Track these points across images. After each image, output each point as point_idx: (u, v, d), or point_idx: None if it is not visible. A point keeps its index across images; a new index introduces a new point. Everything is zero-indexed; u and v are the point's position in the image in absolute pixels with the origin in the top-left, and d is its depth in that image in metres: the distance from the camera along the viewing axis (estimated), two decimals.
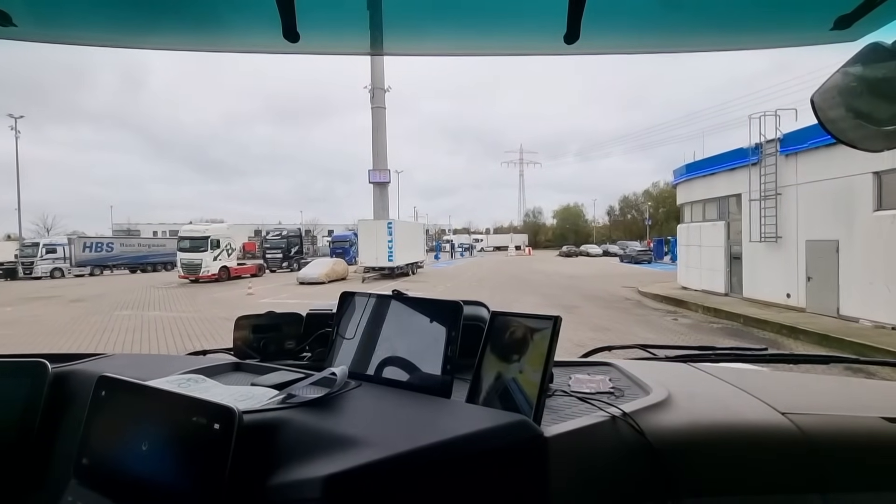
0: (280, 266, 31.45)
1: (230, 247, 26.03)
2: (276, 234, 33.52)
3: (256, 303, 16.19)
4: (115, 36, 0.90)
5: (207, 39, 0.92)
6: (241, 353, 1.25)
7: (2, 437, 0.84)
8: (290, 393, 0.82)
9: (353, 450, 0.66)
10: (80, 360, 1.06)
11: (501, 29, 0.88)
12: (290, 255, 32.41)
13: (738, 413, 0.92)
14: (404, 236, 26.33)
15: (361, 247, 25.26)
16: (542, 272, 29.21)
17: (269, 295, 18.57)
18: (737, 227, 14.46)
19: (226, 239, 25.67)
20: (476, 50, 0.95)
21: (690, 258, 17.16)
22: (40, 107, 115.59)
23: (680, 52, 0.96)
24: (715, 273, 15.24)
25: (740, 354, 1.42)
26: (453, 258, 51.08)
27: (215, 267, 24.65)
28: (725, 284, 14.75)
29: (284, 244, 32.68)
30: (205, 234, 24.67)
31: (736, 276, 14.41)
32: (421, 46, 0.96)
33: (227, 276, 25.37)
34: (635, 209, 73.84)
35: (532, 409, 0.78)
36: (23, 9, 0.77)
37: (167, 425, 0.68)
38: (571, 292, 18.10)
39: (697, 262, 16.42)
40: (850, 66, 0.74)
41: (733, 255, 14.57)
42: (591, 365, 1.22)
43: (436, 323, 0.93)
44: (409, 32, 0.90)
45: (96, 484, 0.71)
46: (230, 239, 26.20)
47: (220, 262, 25.08)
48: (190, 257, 24.32)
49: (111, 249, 36.54)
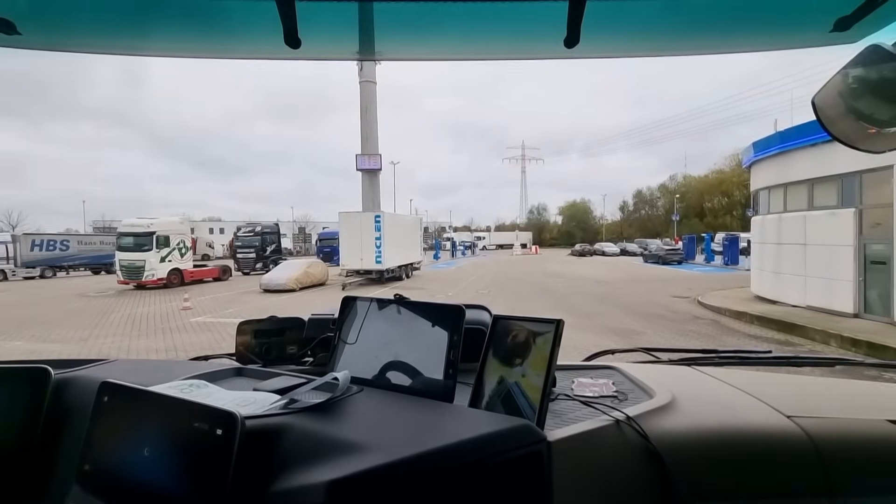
0: (253, 268, 26.47)
1: (184, 245, 21.35)
2: (249, 231, 28.43)
3: (186, 323, 11.70)
4: (118, 44, 0.90)
5: (210, 47, 0.93)
6: (243, 358, 1.23)
7: (4, 443, 0.85)
8: (292, 398, 0.82)
9: (355, 455, 0.66)
10: (83, 366, 1.07)
11: (501, 34, 0.87)
12: (266, 254, 27.53)
13: (743, 416, 0.91)
14: (396, 233, 21.67)
15: (343, 245, 20.62)
16: (561, 275, 24.61)
17: (212, 310, 14.01)
18: (876, 216, 9.84)
19: (178, 236, 21.01)
20: (476, 55, 0.98)
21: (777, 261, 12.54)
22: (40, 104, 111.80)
23: (679, 55, 0.94)
24: (834, 284, 10.53)
25: (745, 357, 1.39)
26: (454, 257, 46.54)
27: (163, 270, 20.02)
28: (855, 301, 10.06)
29: (258, 242, 27.70)
30: (149, 228, 19.92)
31: (876, 290, 9.75)
32: (423, 51, 0.97)
33: (181, 281, 20.76)
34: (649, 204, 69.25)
35: (535, 414, 0.77)
36: (27, 17, 0.77)
37: (170, 431, 0.67)
38: (612, 306, 13.56)
39: (796, 267, 11.74)
40: (850, 67, 0.74)
41: (871, 259, 9.91)
42: (594, 369, 1.22)
43: (438, 327, 0.92)
44: (410, 38, 0.90)
45: (99, 490, 0.70)
46: (184, 236, 21.52)
47: (170, 263, 20.43)
48: (130, 258, 19.67)
49: (66, 248, 32.41)
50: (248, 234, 28.18)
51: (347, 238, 20.31)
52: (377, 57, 0.94)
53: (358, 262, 19.99)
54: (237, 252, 28.00)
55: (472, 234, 72.92)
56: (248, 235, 28.17)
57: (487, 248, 69.24)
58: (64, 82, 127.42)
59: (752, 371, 1.30)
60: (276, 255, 27.88)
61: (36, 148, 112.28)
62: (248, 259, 27.26)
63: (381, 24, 0.83)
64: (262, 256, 27.29)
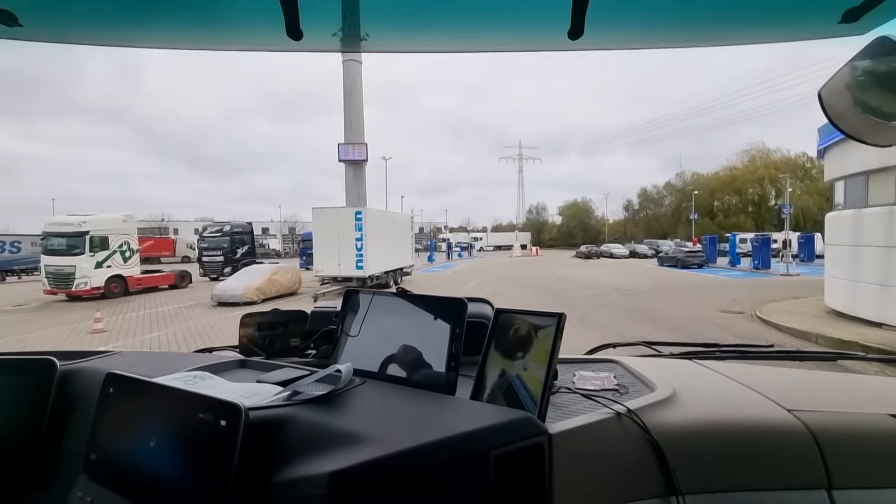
0: (221, 272, 22.76)
1: (128, 248, 17.94)
2: (216, 231, 24.82)
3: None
4: (120, 35, 0.90)
5: (213, 38, 0.93)
6: (246, 350, 1.22)
7: (11, 433, 0.86)
8: (295, 390, 0.82)
9: (358, 446, 0.66)
10: (88, 358, 1.08)
11: (506, 25, 0.87)
12: (236, 257, 24.02)
13: (744, 410, 0.91)
14: (383, 232, 18.39)
15: (317, 247, 17.31)
16: (573, 281, 21.39)
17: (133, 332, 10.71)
18: None
19: (120, 237, 17.58)
20: (481, 46, 0.97)
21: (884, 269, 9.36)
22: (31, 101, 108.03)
23: (685, 47, 0.94)
24: None
25: (746, 351, 1.42)
26: (450, 259, 43.11)
27: (99, 277, 16.60)
28: None
29: (226, 244, 24.13)
30: (80, 228, 16.42)
31: None
32: (427, 43, 0.97)
33: (123, 290, 17.39)
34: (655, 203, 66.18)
35: (537, 406, 0.77)
36: (29, 9, 0.77)
37: (174, 422, 0.68)
38: (649, 324, 10.44)
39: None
40: (858, 59, 0.73)
41: None
42: (595, 362, 1.21)
43: (440, 320, 0.92)
44: (415, 29, 0.90)
45: (105, 479, 0.71)
46: (129, 237, 18.09)
47: (109, 269, 17.03)
48: (58, 263, 16.17)
49: (17, 250, 29.28)
50: (215, 235, 24.56)
51: (322, 239, 16.99)
52: (379, 49, 0.94)
53: (335, 267, 16.69)
54: (202, 255, 24.43)
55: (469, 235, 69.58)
56: (214, 236, 24.55)
57: (485, 249, 66.03)
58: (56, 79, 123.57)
59: (753, 365, 1.31)
60: (248, 258, 24.30)
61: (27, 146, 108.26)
62: (215, 263, 23.68)
63: (387, 18, 0.83)
64: (232, 260, 23.64)
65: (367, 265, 16.66)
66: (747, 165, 52.82)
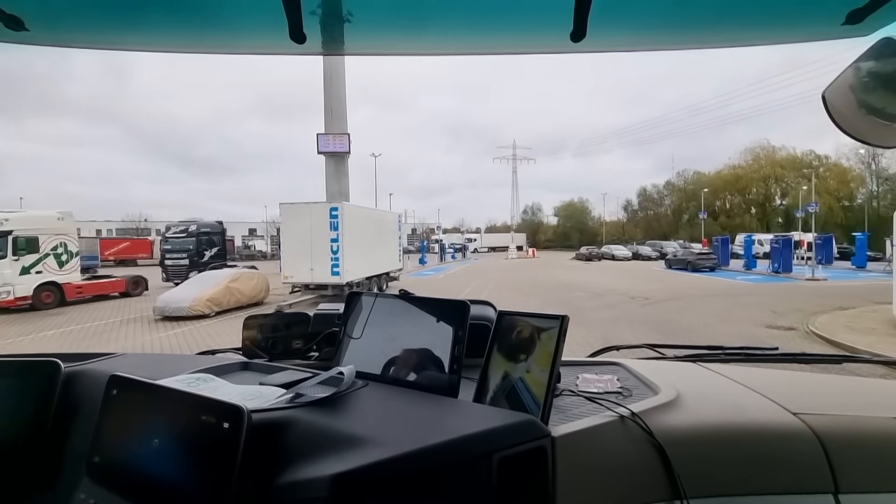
0: (186, 277, 20.27)
1: (65, 251, 15.37)
2: (181, 231, 22.11)
3: None
4: (125, 40, 0.91)
5: (217, 42, 0.94)
6: (249, 352, 1.23)
7: (16, 434, 0.86)
8: (297, 392, 0.82)
9: (360, 449, 0.67)
10: (92, 360, 1.08)
11: (508, 27, 0.87)
12: (203, 260, 21.34)
13: (749, 413, 0.90)
14: (365, 233, 15.97)
15: (286, 250, 14.82)
16: (579, 287, 19.10)
17: None
18: None
19: (54, 238, 14.96)
20: (483, 49, 0.97)
21: None
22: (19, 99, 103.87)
23: (688, 48, 0.93)
24: None
25: (750, 354, 1.40)
26: (443, 262, 40.77)
27: (27, 285, 13.99)
28: None
29: (192, 245, 21.56)
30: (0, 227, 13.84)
31: None
32: (429, 45, 0.97)
33: (59, 300, 14.82)
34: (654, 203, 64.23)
35: (540, 409, 0.77)
36: (36, 14, 0.78)
37: (177, 424, 0.68)
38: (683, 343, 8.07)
39: None
40: (862, 61, 0.73)
41: None
42: (598, 364, 1.21)
43: (442, 322, 0.92)
44: (416, 31, 0.90)
45: (108, 481, 0.72)
46: (65, 237, 15.48)
47: (40, 275, 14.43)
48: None
49: None
50: (180, 235, 21.87)
51: (292, 240, 14.52)
52: (379, 52, 0.94)
53: (306, 273, 14.22)
54: (165, 257, 21.77)
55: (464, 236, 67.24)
56: (178, 236, 21.86)
57: (479, 250, 63.70)
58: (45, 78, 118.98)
59: (758, 368, 1.29)
60: (217, 260, 21.69)
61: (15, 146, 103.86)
62: (180, 267, 20.99)
63: (388, 20, 0.83)
64: (199, 263, 20.95)
65: (345, 270, 14.23)
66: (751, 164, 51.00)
